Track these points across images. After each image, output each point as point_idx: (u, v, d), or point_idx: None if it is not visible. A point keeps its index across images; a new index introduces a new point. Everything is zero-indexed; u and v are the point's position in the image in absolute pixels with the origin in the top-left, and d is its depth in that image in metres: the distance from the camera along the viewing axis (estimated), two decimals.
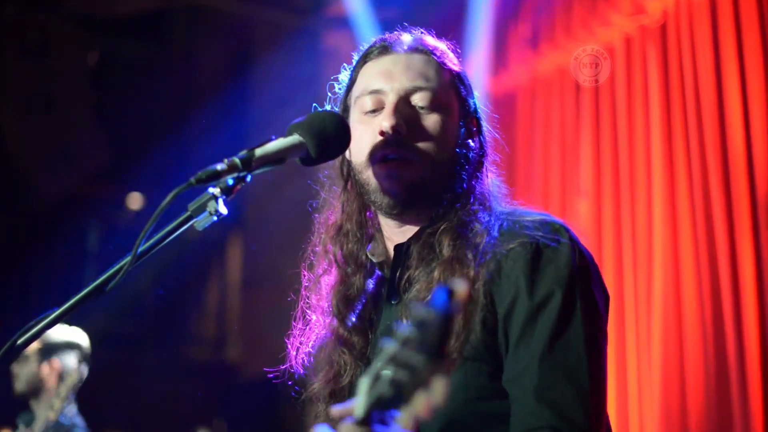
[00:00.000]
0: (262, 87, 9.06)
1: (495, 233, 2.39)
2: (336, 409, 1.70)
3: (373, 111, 2.51)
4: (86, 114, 9.50)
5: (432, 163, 2.46)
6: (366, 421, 1.56)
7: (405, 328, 1.46)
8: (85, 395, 5.46)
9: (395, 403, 1.47)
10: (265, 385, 2.87)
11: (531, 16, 7.20)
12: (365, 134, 2.49)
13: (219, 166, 2.03)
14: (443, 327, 1.43)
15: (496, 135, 2.73)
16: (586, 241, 5.76)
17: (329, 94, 2.75)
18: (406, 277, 2.49)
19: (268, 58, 9.07)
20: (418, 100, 2.50)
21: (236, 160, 2.08)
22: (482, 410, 2.29)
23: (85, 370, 5.43)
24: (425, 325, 1.44)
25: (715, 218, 5.51)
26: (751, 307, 5.21)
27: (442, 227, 2.45)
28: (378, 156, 2.45)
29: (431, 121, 2.49)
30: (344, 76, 2.73)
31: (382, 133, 2.45)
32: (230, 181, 2.05)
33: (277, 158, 2.18)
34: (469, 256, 2.36)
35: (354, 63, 2.70)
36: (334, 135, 2.34)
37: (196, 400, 9.28)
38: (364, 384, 1.55)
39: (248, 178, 2.11)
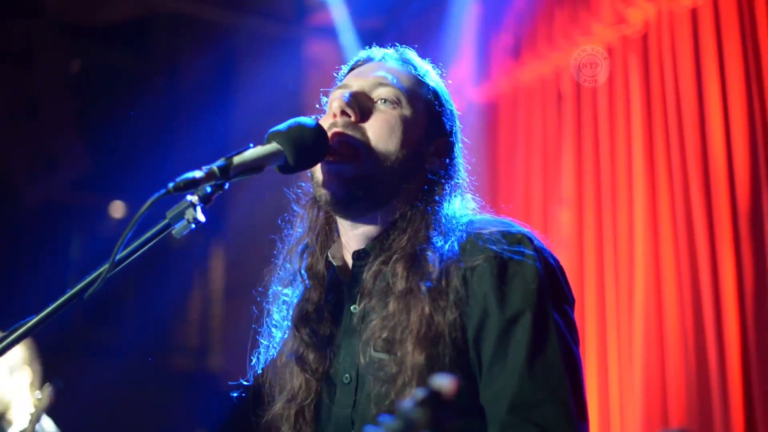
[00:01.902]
0: (245, 95, 9.05)
1: (454, 251, 2.35)
2: None
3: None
4: (69, 122, 9.47)
5: (378, 157, 2.42)
6: None
7: (392, 422, 1.43)
8: (66, 405, 5.43)
9: None
10: (239, 384, 2.87)
11: (513, 26, 7.22)
12: (323, 125, 2.46)
13: (197, 174, 2.03)
14: (431, 429, 1.40)
15: (469, 162, 2.69)
16: (568, 251, 5.76)
17: (317, 106, 2.75)
18: (361, 297, 2.46)
19: (250, 66, 9.06)
20: (380, 93, 2.48)
21: (214, 167, 2.07)
22: (453, 429, 2.28)
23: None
24: (412, 424, 1.40)
25: (696, 227, 5.53)
26: (732, 314, 5.23)
27: (395, 256, 2.40)
28: (329, 140, 2.41)
29: (388, 115, 2.45)
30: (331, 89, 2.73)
31: (333, 116, 2.43)
32: (208, 189, 2.05)
33: (255, 166, 2.18)
34: (423, 288, 2.31)
35: (339, 76, 2.71)
36: (311, 143, 2.33)
37: (178, 409, 9.25)
38: None
39: (226, 186, 2.11)
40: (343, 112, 2.42)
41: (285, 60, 8.69)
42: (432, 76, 2.63)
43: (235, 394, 2.80)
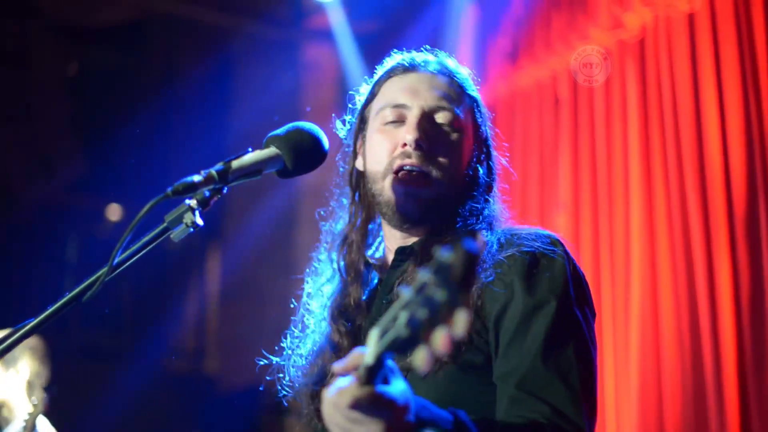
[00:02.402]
0: (242, 99, 9.06)
1: (494, 245, 2.43)
2: (338, 365, 1.69)
3: (394, 122, 2.55)
4: (65, 124, 9.46)
5: (449, 181, 2.52)
6: (373, 370, 1.55)
7: (424, 273, 1.44)
8: (61, 408, 5.42)
9: (411, 344, 1.44)
10: (243, 397, 2.89)
11: (510, 31, 7.23)
12: (384, 144, 2.53)
13: (196, 178, 2.03)
14: (469, 262, 1.40)
15: (505, 163, 2.79)
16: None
17: (345, 116, 2.77)
18: (401, 277, 2.52)
19: (247, 69, 9.07)
20: (441, 118, 2.55)
21: (213, 172, 2.08)
22: (468, 408, 2.31)
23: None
24: (447, 265, 1.41)
25: (692, 230, 5.54)
26: (728, 317, 5.24)
27: (446, 239, 2.47)
28: (397, 167, 2.49)
29: (451, 140, 2.54)
30: (364, 89, 2.76)
31: (404, 145, 2.48)
32: (207, 193, 2.06)
33: (253, 170, 2.19)
34: None
35: (376, 78, 2.73)
36: (310, 148, 2.35)
37: (174, 412, 9.24)
38: (373, 334, 1.54)
39: (225, 190, 2.12)
40: (419, 146, 2.49)
41: (282, 63, 8.69)
42: (470, 84, 2.71)
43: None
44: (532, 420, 2.21)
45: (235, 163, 2.14)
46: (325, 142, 2.42)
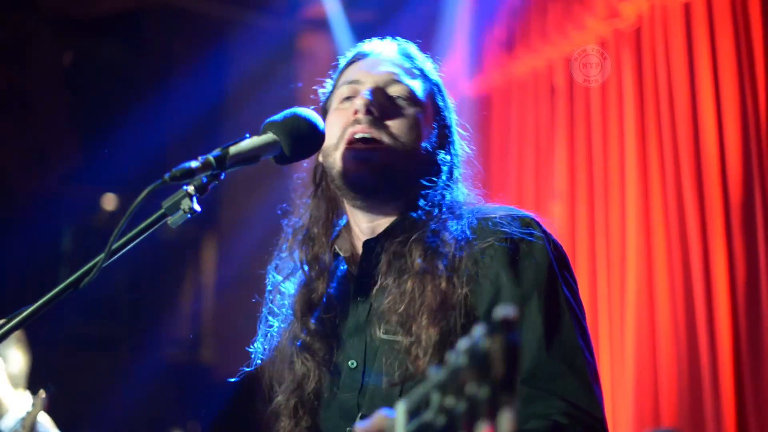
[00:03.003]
0: (237, 87, 9.05)
1: (466, 234, 2.40)
2: (360, 428, 1.66)
3: (349, 98, 2.53)
4: (61, 115, 9.45)
5: (402, 150, 2.47)
6: None
7: (458, 358, 1.36)
8: (58, 397, 5.41)
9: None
10: (238, 386, 2.87)
11: (506, 20, 7.22)
12: (339, 118, 2.51)
13: (193, 164, 2.03)
14: (511, 357, 1.31)
15: (469, 151, 2.75)
16: (560, 243, 5.79)
17: (312, 96, 2.76)
18: (376, 279, 2.49)
19: (243, 58, 9.05)
20: (394, 91, 2.53)
21: (210, 158, 2.08)
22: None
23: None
24: (484, 354, 1.31)
25: (688, 221, 5.54)
26: (724, 310, 5.25)
27: (413, 237, 2.44)
28: (348, 135, 2.46)
29: (405, 111, 2.51)
30: (329, 83, 2.75)
31: (355, 113, 2.46)
32: (204, 179, 2.05)
33: (251, 156, 2.18)
34: (440, 266, 2.36)
35: (338, 68, 2.73)
36: (308, 133, 2.34)
37: (170, 401, 9.24)
38: (400, 409, 1.49)
39: (222, 176, 2.12)
40: (368, 110, 2.46)
41: (278, 52, 8.68)
42: (431, 69, 2.68)
43: (233, 381, 2.80)
44: (552, 423, 2.20)
45: (233, 149, 2.13)
46: (323, 128, 2.41)
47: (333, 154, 2.51)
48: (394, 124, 2.49)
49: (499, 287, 2.33)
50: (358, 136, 2.46)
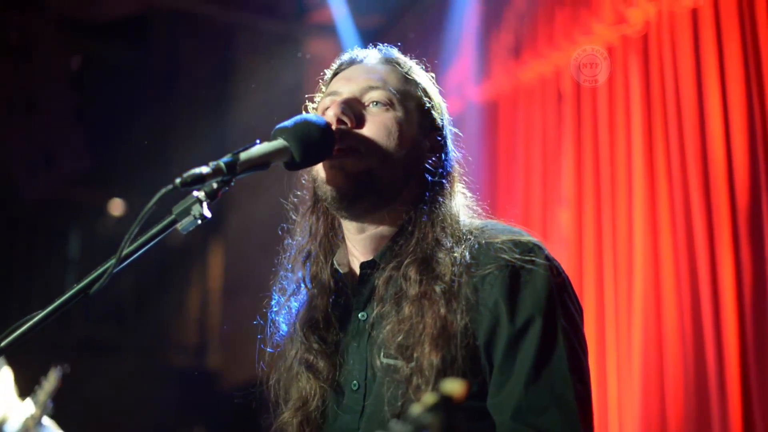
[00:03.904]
0: (245, 92, 9.06)
1: (466, 259, 2.36)
2: None
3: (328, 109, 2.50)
4: (68, 117, 9.47)
5: (380, 156, 2.42)
6: None
7: (403, 427, 1.38)
8: (65, 401, 5.42)
9: None
10: (245, 392, 2.86)
11: (513, 25, 7.22)
12: None
13: (204, 170, 2.02)
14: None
15: (463, 154, 2.69)
16: (567, 251, 5.77)
17: (310, 103, 2.74)
18: (374, 304, 2.46)
19: (250, 63, 9.07)
20: (372, 97, 2.48)
21: (221, 163, 2.07)
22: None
23: None
24: (424, 429, 1.36)
25: (695, 227, 5.53)
26: (731, 315, 5.24)
27: (406, 261, 2.41)
28: None
29: (383, 117, 2.46)
30: (318, 96, 2.73)
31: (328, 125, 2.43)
32: (215, 185, 2.05)
33: (261, 162, 2.18)
34: (438, 290, 2.33)
35: (326, 80, 2.71)
36: (318, 139, 2.33)
37: (176, 406, 9.26)
38: None
39: (232, 182, 2.11)
40: (339, 120, 2.43)
41: (285, 57, 8.69)
42: (417, 71, 2.63)
43: (238, 400, 2.80)
44: None
45: (243, 155, 2.13)
46: (333, 134, 2.40)
47: (315, 167, 2.49)
48: (370, 131, 2.44)
49: (498, 316, 2.29)
50: (336, 150, 2.43)
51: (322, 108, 2.54)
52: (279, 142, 2.25)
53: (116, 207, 9.93)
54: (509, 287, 2.29)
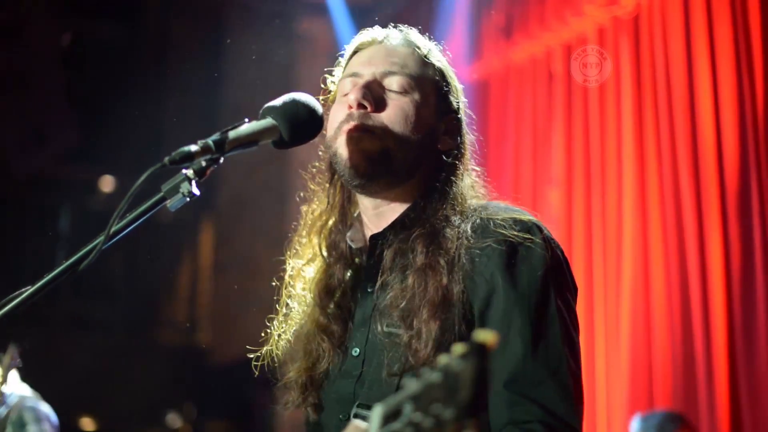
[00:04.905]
0: (236, 70, 9.04)
1: (467, 233, 2.40)
2: None
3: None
4: (59, 95, 9.44)
5: (396, 137, 2.45)
6: None
7: (432, 374, 1.40)
8: (55, 378, 5.43)
9: None
10: (234, 369, 2.88)
11: (505, 6, 7.22)
12: (338, 112, 2.50)
13: (192, 148, 2.02)
14: (477, 383, 1.35)
15: (477, 137, 2.73)
16: (557, 230, 5.78)
17: (328, 76, 2.75)
18: (381, 275, 2.50)
19: (242, 41, 9.05)
20: (391, 83, 2.51)
21: (209, 142, 2.07)
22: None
23: None
24: (456, 375, 1.36)
25: (684, 208, 5.56)
26: (719, 295, 5.27)
27: (415, 233, 2.45)
28: (344, 129, 2.46)
29: (401, 102, 2.49)
30: (338, 72, 2.75)
31: (349, 107, 2.46)
32: (203, 163, 2.05)
33: (250, 141, 2.18)
34: (442, 262, 2.36)
35: (345, 58, 2.72)
36: (306, 119, 2.34)
37: (166, 383, 9.27)
38: (376, 414, 1.50)
39: (221, 160, 2.12)
40: (360, 105, 2.45)
41: (277, 36, 8.68)
42: (436, 55, 2.65)
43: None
44: (527, 423, 2.21)
45: (232, 134, 2.13)
46: (321, 114, 2.41)
47: (333, 144, 2.51)
48: (388, 116, 2.47)
49: (494, 287, 2.32)
50: (351, 128, 2.46)
51: (342, 89, 2.56)
52: (267, 121, 2.25)
53: (107, 184, 9.92)
54: (507, 261, 2.32)
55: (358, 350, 2.52)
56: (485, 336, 1.35)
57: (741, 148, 5.30)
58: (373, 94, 2.48)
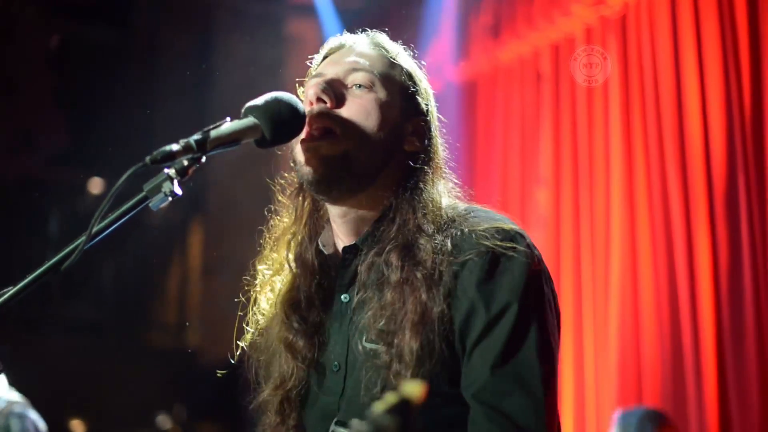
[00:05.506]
0: (225, 72, 9.04)
1: (447, 247, 2.36)
2: None
3: None
4: (47, 97, 9.43)
5: (357, 137, 2.40)
6: None
7: (362, 426, 1.41)
8: (44, 380, 5.42)
9: None
10: (224, 371, 2.86)
11: (492, 5, 7.23)
12: None
13: (174, 147, 2.02)
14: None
15: (446, 139, 2.68)
16: (545, 230, 5.80)
17: (299, 87, 2.73)
18: (356, 289, 2.46)
19: (230, 43, 9.05)
20: (354, 79, 2.47)
21: (191, 141, 2.07)
22: (443, 416, 2.30)
23: None
24: (383, 430, 1.39)
25: (672, 207, 5.57)
26: (707, 293, 5.28)
27: (388, 247, 2.40)
28: (305, 132, 2.42)
29: (363, 99, 2.44)
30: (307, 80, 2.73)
31: (310, 104, 2.43)
32: (185, 162, 2.05)
33: (232, 140, 2.17)
34: (419, 276, 2.31)
35: (315, 64, 2.70)
36: (289, 118, 2.32)
37: (156, 385, 9.26)
38: None
39: (203, 159, 2.11)
40: (319, 99, 2.42)
41: (265, 37, 8.68)
42: (404, 57, 2.62)
43: (221, 374, 2.79)
44: None
45: (214, 133, 2.12)
46: (304, 113, 2.39)
47: (294, 148, 2.48)
48: (349, 111, 2.42)
49: (474, 303, 2.29)
50: (312, 128, 2.42)
51: (306, 89, 2.53)
52: (249, 120, 2.24)
53: (96, 186, 9.90)
54: (487, 273, 2.28)
55: (338, 365, 2.47)
56: (412, 389, 1.38)
57: (728, 148, 5.31)
58: (334, 90, 2.43)
